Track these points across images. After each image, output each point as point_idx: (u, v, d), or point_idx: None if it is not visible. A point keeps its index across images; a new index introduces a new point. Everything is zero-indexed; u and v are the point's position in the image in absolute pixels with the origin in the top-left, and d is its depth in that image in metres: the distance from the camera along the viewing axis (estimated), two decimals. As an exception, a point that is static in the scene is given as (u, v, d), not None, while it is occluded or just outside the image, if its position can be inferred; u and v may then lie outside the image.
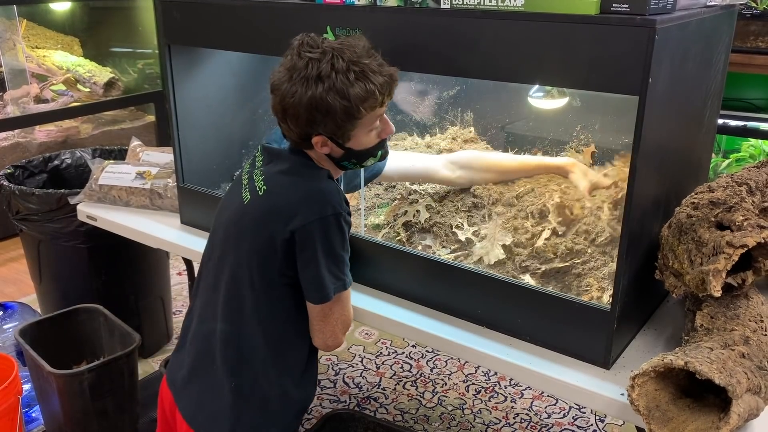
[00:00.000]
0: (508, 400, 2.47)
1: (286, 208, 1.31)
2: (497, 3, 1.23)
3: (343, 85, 1.24)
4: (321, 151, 1.35)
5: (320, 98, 1.24)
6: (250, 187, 1.39)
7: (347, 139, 1.33)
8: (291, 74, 1.27)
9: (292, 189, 1.34)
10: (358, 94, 1.26)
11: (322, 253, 1.31)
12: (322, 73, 1.24)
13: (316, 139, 1.32)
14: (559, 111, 1.76)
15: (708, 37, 1.38)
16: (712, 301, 1.24)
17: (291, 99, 1.26)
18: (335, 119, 1.27)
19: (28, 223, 2.43)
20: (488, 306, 1.42)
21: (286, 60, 1.29)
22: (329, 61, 1.25)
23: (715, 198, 1.25)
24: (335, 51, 1.26)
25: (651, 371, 1.10)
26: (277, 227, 1.31)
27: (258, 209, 1.36)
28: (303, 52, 1.27)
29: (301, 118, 1.28)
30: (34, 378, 2.04)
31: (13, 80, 3.91)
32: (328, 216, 1.30)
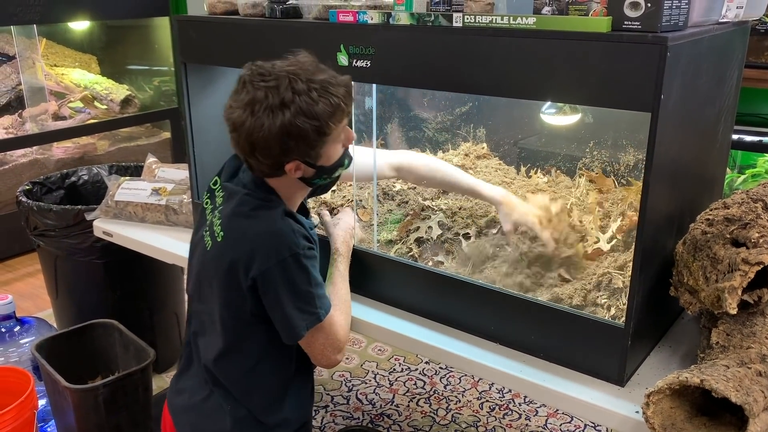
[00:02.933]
0: (523, 417, 2.45)
1: (244, 256, 1.29)
2: (509, 21, 1.24)
3: (308, 105, 1.22)
4: (294, 176, 1.31)
5: (290, 124, 1.22)
6: (210, 231, 1.38)
7: (318, 158, 1.30)
8: (252, 108, 1.22)
9: (248, 235, 1.31)
10: (325, 111, 1.24)
11: (286, 295, 1.29)
12: (285, 99, 1.21)
13: (289, 166, 1.29)
14: (571, 127, 1.76)
15: (721, 53, 1.38)
16: (727, 318, 1.22)
17: (260, 133, 1.22)
18: (308, 141, 1.25)
19: (46, 239, 2.46)
20: (502, 322, 1.41)
21: (242, 95, 1.24)
22: (288, 86, 1.22)
23: (730, 214, 1.24)
24: (290, 74, 1.23)
25: (666, 389, 1.09)
26: (239, 275, 1.30)
27: (218, 258, 1.35)
28: (257, 83, 1.23)
29: (273, 149, 1.25)
30: (50, 392, 2.06)
31: (32, 98, 3.98)
32: (285, 258, 1.27)
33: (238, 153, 1.31)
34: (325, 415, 2.46)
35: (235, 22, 1.72)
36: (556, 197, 1.66)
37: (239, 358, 1.39)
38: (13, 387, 1.99)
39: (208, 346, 1.41)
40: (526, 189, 1.76)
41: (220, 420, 1.40)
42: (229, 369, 1.40)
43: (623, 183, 1.71)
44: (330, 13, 1.52)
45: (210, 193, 1.47)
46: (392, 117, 2.07)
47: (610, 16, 1.16)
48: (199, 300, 1.44)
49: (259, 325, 1.36)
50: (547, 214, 1.56)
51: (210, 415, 1.41)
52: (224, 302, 1.36)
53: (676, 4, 1.14)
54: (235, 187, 1.39)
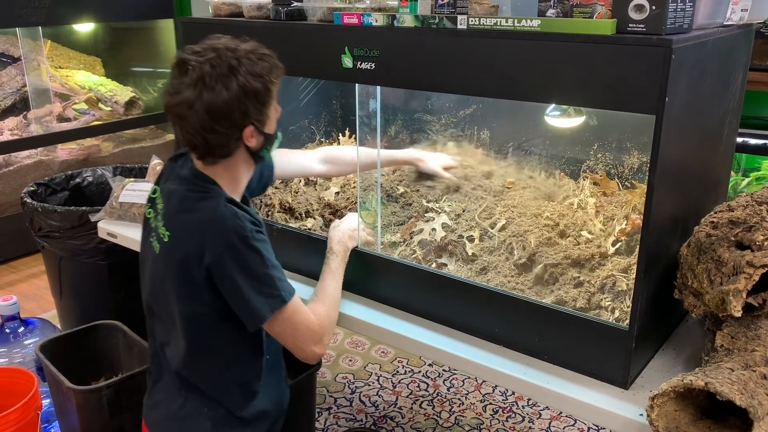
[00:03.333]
0: (526, 420, 2.45)
1: (193, 249, 1.29)
2: (513, 24, 1.24)
3: (252, 65, 1.28)
4: (251, 143, 1.33)
5: (244, 85, 1.26)
6: (156, 236, 1.38)
7: (265, 122, 1.34)
8: (204, 82, 1.25)
9: (193, 227, 1.31)
10: (266, 68, 1.30)
11: (242, 280, 1.29)
12: (232, 64, 1.26)
13: (247, 132, 1.31)
14: (575, 130, 1.76)
15: (725, 55, 1.38)
16: (732, 321, 1.22)
17: (219, 100, 1.25)
18: (260, 99, 1.29)
19: (50, 240, 2.46)
20: (505, 324, 1.41)
21: (186, 78, 1.26)
22: (228, 54, 1.27)
23: (734, 217, 1.24)
24: (222, 45, 1.29)
25: (671, 391, 1.08)
26: (193, 270, 1.30)
27: (168, 258, 1.35)
28: (196, 59, 1.27)
29: (234, 114, 1.28)
30: (54, 393, 2.06)
31: (37, 99, 3.99)
32: (234, 243, 1.28)
33: (190, 138, 1.30)
34: (329, 417, 2.46)
35: (239, 24, 1.73)
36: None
37: (207, 357, 1.38)
38: (17, 388, 2.00)
39: (174, 353, 1.40)
40: (532, 191, 1.76)
41: (201, 424, 1.39)
42: (200, 370, 1.39)
43: (627, 186, 1.71)
44: (335, 16, 1.53)
45: (151, 202, 1.45)
46: (396, 119, 2.07)
47: (614, 18, 1.16)
48: (158, 308, 1.43)
49: (222, 321, 1.35)
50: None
51: (189, 422, 1.41)
52: (182, 302, 1.34)
53: (680, 7, 1.14)
54: (173, 187, 1.39)
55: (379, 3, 1.57)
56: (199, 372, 1.40)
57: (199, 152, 1.33)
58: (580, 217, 1.61)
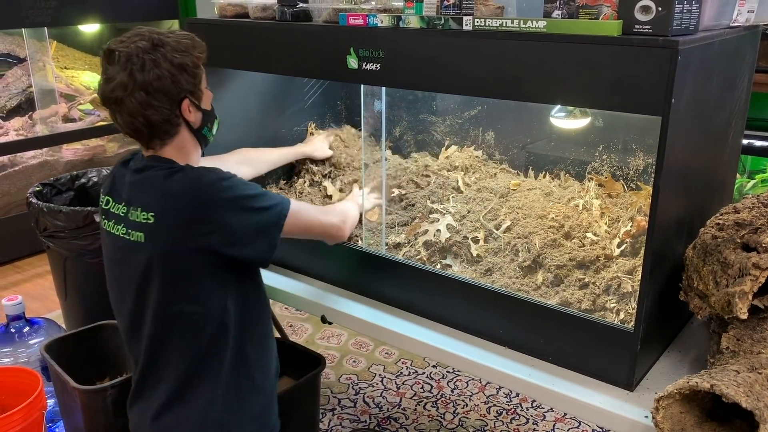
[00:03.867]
0: (530, 422, 2.45)
1: (187, 211, 1.32)
2: (519, 25, 1.24)
3: (175, 42, 1.34)
4: (190, 118, 1.38)
5: (171, 57, 1.32)
6: (129, 228, 1.36)
7: (200, 97, 1.40)
8: (132, 63, 1.30)
9: (178, 195, 1.33)
10: (190, 44, 1.36)
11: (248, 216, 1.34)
12: (155, 42, 1.32)
13: (185, 104, 1.36)
14: (581, 131, 1.76)
15: (731, 57, 1.37)
16: (738, 323, 1.22)
17: (150, 73, 1.30)
18: (189, 70, 1.35)
19: (55, 240, 2.47)
20: (510, 326, 1.41)
21: (115, 65, 1.31)
22: (150, 35, 1.33)
23: (740, 219, 1.24)
24: (146, 30, 1.35)
25: (676, 393, 1.08)
26: (194, 229, 1.32)
27: (158, 238, 1.33)
28: (122, 45, 1.32)
29: (167, 86, 1.32)
30: (59, 393, 2.06)
31: (43, 100, 4.00)
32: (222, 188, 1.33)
33: (131, 121, 1.34)
34: (332, 418, 2.46)
35: (245, 26, 1.73)
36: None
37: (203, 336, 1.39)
38: (23, 387, 2.00)
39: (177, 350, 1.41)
40: (537, 191, 1.76)
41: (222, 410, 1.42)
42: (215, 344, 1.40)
43: (632, 187, 1.71)
44: (340, 17, 1.53)
45: (105, 213, 1.44)
46: (401, 120, 2.07)
47: (620, 19, 1.16)
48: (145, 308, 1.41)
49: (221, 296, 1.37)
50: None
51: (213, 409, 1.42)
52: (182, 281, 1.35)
53: (687, 8, 1.14)
54: (135, 177, 1.39)
55: (385, 4, 1.57)
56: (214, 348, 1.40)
57: (144, 137, 1.37)
58: (585, 219, 1.60)
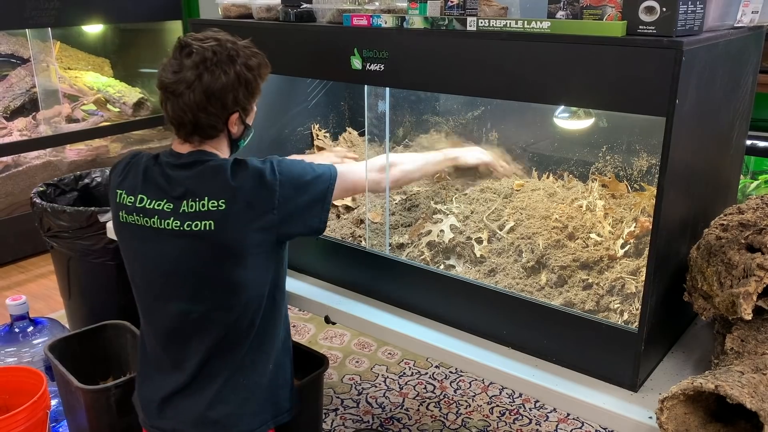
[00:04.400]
0: (533, 422, 2.45)
1: (254, 192, 1.38)
2: (523, 26, 1.24)
3: (248, 58, 1.40)
4: (233, 130, 1.44)
5: (240, 73, 1.38)
6: (193, 218, 1.37)
7: (249, 113, 1.47)
8: (205, 65, 1.35)
9: (246, 182, 1.38)
10: (259, 64, 1.42)
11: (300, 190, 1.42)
12: (232, 53, 1.37)
13: (233, 117, 1.41)
14: (584, 132, 1.76)
15: (736, 58, 1.37)
16: (742, 324, 1.22)
17: (217, 83, 1.35)
18: (251, 90, 1.42)
19: (59, 240, 2.48)
20: (514, 326, 1.41)
21: (189, 60, 1.35)
22: (228, 45, 1.38)
23: (745, 220, 1.24)
24: (223, 36, 1.40)
25: (680, 394, 1.08)
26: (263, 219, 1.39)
27: (234, 220, 1.37)
28: (199, 44, 1.36)
29: (227, 98, 1.37)
30: (62, 393, 2.07)
31: (46, 100, 4.01)
32: (273, 168, 1.40)
33: (181, 115, 1.37)
34: (335, 418, 2.46)
35: (249, 26, 1.73)
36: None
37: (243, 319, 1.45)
38: (26, 387, 2.01)
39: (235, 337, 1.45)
40: (541, 192, 1.76)
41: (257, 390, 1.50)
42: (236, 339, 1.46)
43: (636, 188, 1.70)
44: (344, 17, 1.53)
45: (136, 211, 1.42)
46: (404, 120, 2.07)
47: (624, 20, 1.16)
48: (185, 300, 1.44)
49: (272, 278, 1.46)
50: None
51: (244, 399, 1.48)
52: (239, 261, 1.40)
53: (691, 9, 1.14)
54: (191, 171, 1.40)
55: (389, 5, 1.57)
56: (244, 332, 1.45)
57: (185, 130, 1.40)
58: (588, 220, 1.60)
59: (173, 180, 1.41)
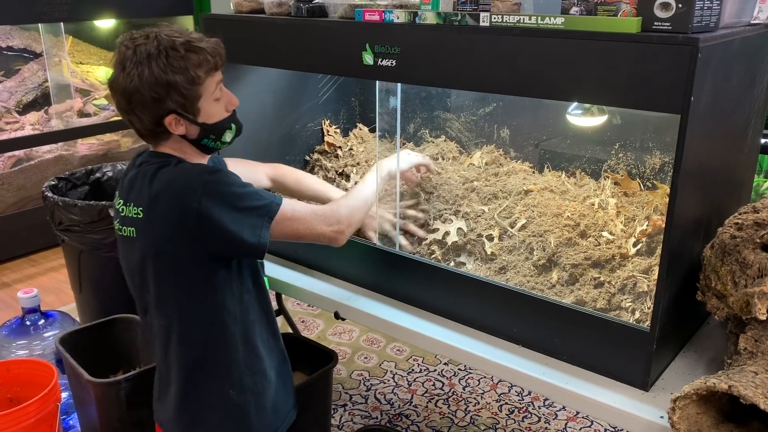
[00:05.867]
0: (542, 420, 2.44)
1: (172, 208, 1.29)
2: (537, 21, 1.23)
3: (173, 58, 1.27)
4: (176, 132, 1.33)
5: (158, 74, 1.26)
6: (128, 221, 1.36)
7: (197, 113, 1.32)
8: (123, 65, 1.28)
9: (164, 191, 1.30)
10: (191, 60, 1.28)
11: (231, 212, 1.28)
12: (151, 53, 1.26)
13: (168, 119, 1.30)
14: (597, 128, 1.75)
15: (752, 55, 1.36)
16: (756, 323, 1.21)
17: (131, 84, 1.27)
18: (178, 90, 1.28)
19: (70, 234, 2.49)
20: (524, 324, 1.41)
21: (115, 59, 1.30)
22: (154, 41, 1.27)
23: (760, 219, 1.23)
24: (156, 33, 1.29)
25: (693, 394, 1.07)
26: (180, 229, 1.29)
27: (147, 233, 1.34)
28: (127, 43, 1.29)
29: (146, 101, 1.28)
30: (73, 386, 2.08)
31: (58, 95, 4.03)
32: (204, 183, 1.28)
33: (122, 115, 1.34)
34: (344, 414, 2.47)
35: (261, 21, 1.73)
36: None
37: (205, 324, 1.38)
38: (37, 379, 2.02)
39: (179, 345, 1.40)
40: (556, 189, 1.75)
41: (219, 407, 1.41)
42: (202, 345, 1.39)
43: (649, 186, 1.69)
44: (356, 12, 1.52)
45: (116, 212, 1.44)
46: (415, 116, 2.07)
47: (639, 16, 1.15)
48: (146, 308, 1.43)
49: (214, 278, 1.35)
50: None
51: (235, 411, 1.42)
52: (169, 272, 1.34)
53: (707, 5, 1.13)
54: (132, 173, 1.39)
55: (401, 0, 1.56)
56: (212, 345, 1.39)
57: (136, 133, 1.37)
58: (600, 218, 1.59)
59: (126, 181, 1.40)
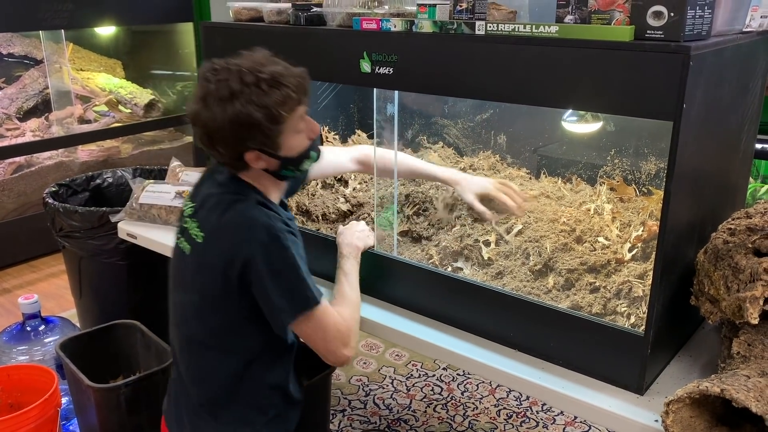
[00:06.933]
0: (540, 425, 2.45)
1: (227, 249, 1.31)
2: (531, 30, 1.25)
3: (257, 95, 1.25)
4: (257, 167, 1.34)
5: (240, 113, 1.25)
6: (186, 237, 1.39)
7: (278, 148, 1.32)
8: (205, 101, 1.27)
9: (227, 228, 1.33)
10: (275, 100, 1.27)
11: (271, 281, 1.30)
12: (235, 90, 1.25)
13: (249, 156, 1.31)
14: (592, 135, 1.76)
15: (744, 62, 1.37)
16: (749, 328, 1.22)
17: (213, 124, 1.27)
18: (261, 129, 1.28)
19: (71, 240, 2.50)
20: (521, 329, 1.42)
21: (197, 91, 1.30)
22: (237, 78, 1.26)
23: (752, 224, 1.24)
24: (240, 67, 1.28)
25: (686, 397, 1.08)
26: (226, 269, 1.31)
27: (200, 259, 1.36)
28: (209, 76, 1.28)
29: (228, 139, 1.29)
30: (73, 391, 2.09)
31: (59, 101, 4.05)
32: (266, 243, 1.30)
33: (202, 147, 1.34)
34: (343, 419, 2.47)
35: (260, 29, 1.75)
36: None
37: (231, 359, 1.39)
38: (38, 385, 2.03)
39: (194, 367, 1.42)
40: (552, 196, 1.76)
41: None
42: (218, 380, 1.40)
43: (644, 192, 1.71)
44: (354, 21, 1.54)
45: (181, 216, 1.47)
46: (413, 123, 2.08)
47: (632, 25, 1.16)
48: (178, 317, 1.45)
49: (248, 323, 1.37)
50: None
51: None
52: (209, 303, 1.36)
53: (699, 14, 1.14)
54: (210, 191, 1.41)
55: (398, 9, 1.58)
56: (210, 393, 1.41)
57: (216, 161, 1.38)
58: (596, 223, 1.61)
59: (203, 194, 1.42)
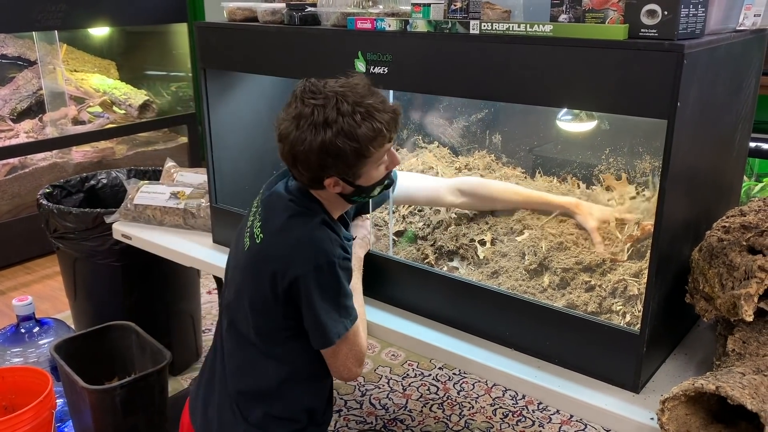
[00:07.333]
0: (536, 424, 2.45)
1: (282, 259, 1.34)
2: (526, 29, 1.25)
3: (350, 127, 1.25)
4: (333, 191, 1.37)
5: (330, 143, 1.25)
6: (250, 232, 1.42)
7: (357, 177, 1.34)
8: (298, 122, 1.27)
9: (287, 239, 1.35)
10: (366, 134, 1.27)
11: (319, 302, 1.32)
12: (329, 119, 1.25)
13: (328, 181, 1.34)
14: (587, 134, 1.77)
15: (738, 61, 1.38)
16: (744, 325, 1.22)
17: (301, 147, 1.27)
18: (346, 161, 1.29)
19: (65, 241, 2.49)
20: (517, 328, 1.42)
21: (291, 108, 1.30)
22: (334, 106, 1.26)
23: (747, 222, 1.24)
24: (338, 95, 1.27)
25: (681, 395, 1.09)
26: (276, 278, 1.33)
27: (254, 258, 1.39)
28: (307, 99, 1.28)
29: (312, 164, 1.30)
30: (68, 393, 2.08)
31: (53, 102, 4.04)
32: (321, 265, 1.32)
33: (283, 161, 1.36)
34: (339, 419, 2.47)
35: (254, 29, 1.75)
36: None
37: (272, 364, 1.42)
38: (32, 387, 2.02)
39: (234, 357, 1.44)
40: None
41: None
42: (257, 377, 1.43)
43: (639, 190, 1.71)
44: (348, 21, 1.54)
45: (249, 210, 1.51)
46: (408, 123, 2.08)
47: (626, 23, 1.17)
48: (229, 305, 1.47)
49: (289, 333, 1.40)
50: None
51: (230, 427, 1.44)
52: (255, 306, 1.39)
53: (693, 12, 1.15)
54: (281, 193, 1.43)
55: (393, 8, 1.58)
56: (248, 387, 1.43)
57: (293, 176, 1.40)
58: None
59: (271, 192, 1.44)
